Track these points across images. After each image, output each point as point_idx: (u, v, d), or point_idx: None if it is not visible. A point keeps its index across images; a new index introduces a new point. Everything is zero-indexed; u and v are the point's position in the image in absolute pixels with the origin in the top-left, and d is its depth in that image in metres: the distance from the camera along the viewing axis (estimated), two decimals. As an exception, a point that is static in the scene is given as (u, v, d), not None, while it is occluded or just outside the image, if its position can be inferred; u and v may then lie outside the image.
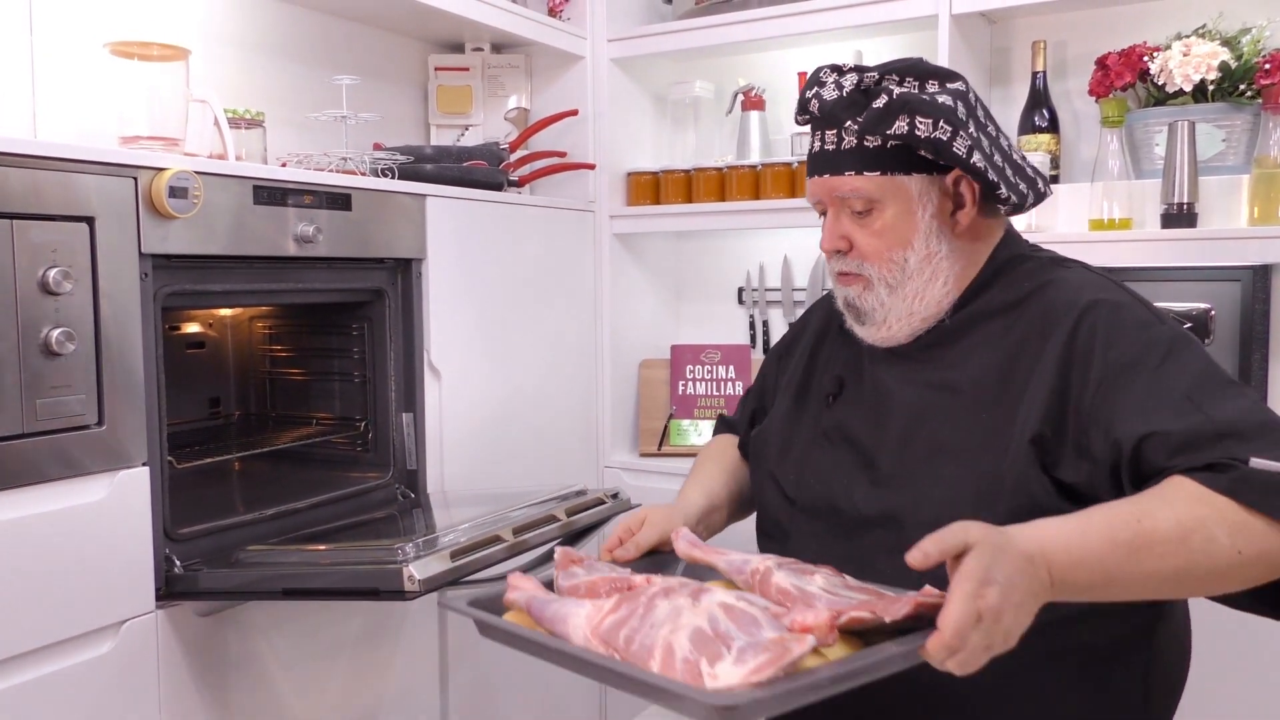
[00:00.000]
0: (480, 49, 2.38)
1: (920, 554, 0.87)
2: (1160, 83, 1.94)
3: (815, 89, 1.18)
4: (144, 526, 1.33)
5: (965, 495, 1.07)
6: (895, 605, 0.89)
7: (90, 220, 1.26)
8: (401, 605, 1.74)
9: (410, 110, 2.36)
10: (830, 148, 1.17)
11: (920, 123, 1.09)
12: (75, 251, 1.24)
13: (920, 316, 1.16)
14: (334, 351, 1.88)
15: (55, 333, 1.21)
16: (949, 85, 1.14)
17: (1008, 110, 2.25)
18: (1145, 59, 1.97)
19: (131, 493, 1.31)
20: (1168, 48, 1.95)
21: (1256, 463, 0.92)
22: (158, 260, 1.35)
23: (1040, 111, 2.14)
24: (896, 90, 1.12)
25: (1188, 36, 1.95)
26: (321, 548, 1.44)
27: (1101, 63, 2.03)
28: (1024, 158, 1.23)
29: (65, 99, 1.64)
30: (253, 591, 1.36)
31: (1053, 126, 2.15)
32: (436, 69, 2.36)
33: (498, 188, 2.05)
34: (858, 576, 1.04)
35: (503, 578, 1.13)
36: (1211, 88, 1.91)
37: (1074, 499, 1.04)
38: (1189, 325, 2.05)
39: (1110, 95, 2.02)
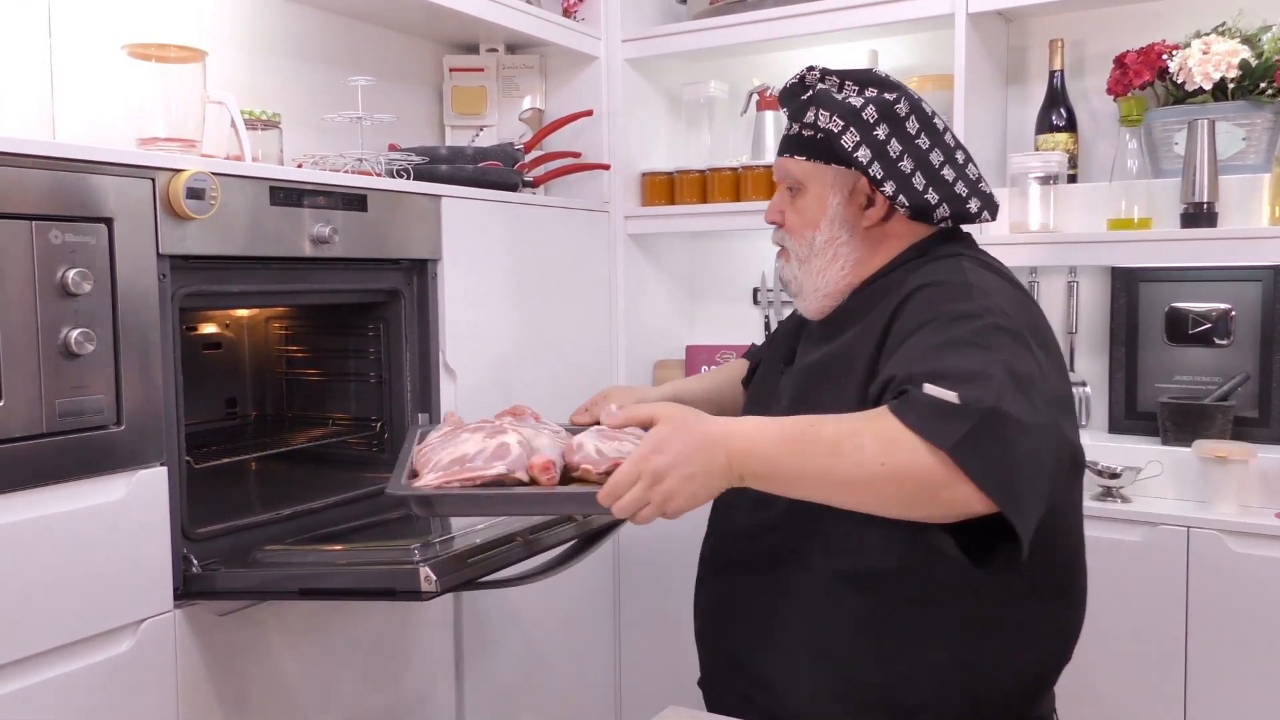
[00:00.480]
0: (495, 50, 2.38)
1: (608, 415, 1.12)
2: (1179, 81, 1.93)
3: (787, 82, 1.33)
4: (162, 526, 1.33)
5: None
6: (603, 464, 1.08)
7: (109, 221, 1.27)
8: (418, 605, 1.74)
9: (425, 111, 2.37)
10: (788, 133, 1.31)
11: (822, 114, 1.22)
12: (94, 252, 1.25)
13: (824, 293, 1.28)
14: (350, 352, 1.89)
15: (74, 333, 1.21)
16: (870, 92, 1.25)
17: (1024, 110, 2.24)
18: (1164, 57, 1.96)
19: (150, 493, 1.32)
20: (1187, 46, 1.93)
21: (928, 388, 0.96)
22: (175, 261, 1.36)
23: (1058, 110, 2.13)
24: (819, 87, 1.26)
25: (1207, 34, 1.94)
26: (338, 548, 1.44)
27: (1120, 61, 2.02)
28: (962, 176, 1.28)
29: (83, 101, 1.65)
30: (269, 591, 1.37)
31: (1070, 126, 2.13)
32: (451, 70, 2.37)
33: (512, 188, 2.05)
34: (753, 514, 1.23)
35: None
36: (1231, 86, 1.90)
37: None
38: (1208, 326, 2.04)
39: (1129, 94, 2.01)
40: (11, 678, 1.18)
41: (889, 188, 1.22)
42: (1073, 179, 2.13)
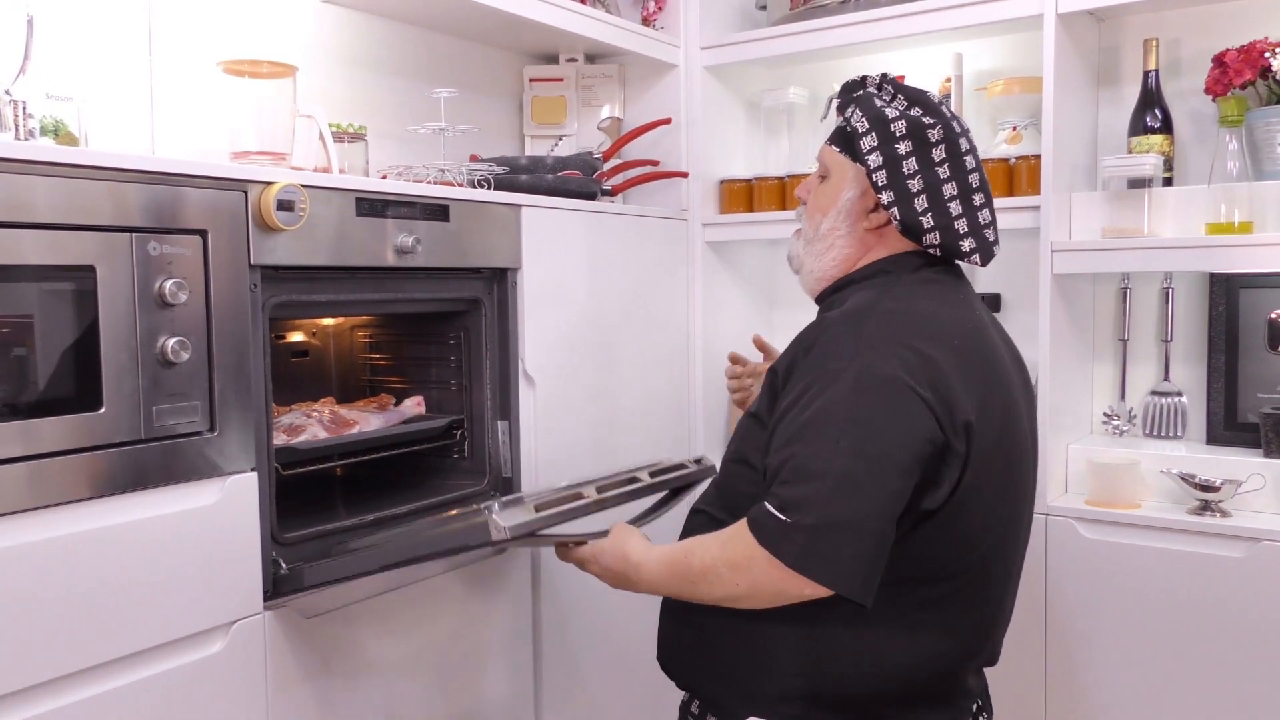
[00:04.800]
0: (574, 59, 2.40)
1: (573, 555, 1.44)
2: (1283, 79, 1.85)
3: (851, 79, 1.42)
4: (253, 530, 1.37)
5: (730, 456, 1.36)
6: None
7: (203, 233, 1.31)
8: (498, 602, 1.75)
9: (506, 121, 2.39)
10: (837, 124, 1.41)
11: (856, 114, 1.31)
12: (189, 263, 1.29)
13: (816, 276, 1.36)
14: (432, 360, 1.91)
15: (171, 342, 1.25)
16: (914, 111, 1.30)
17: (1117, 112, 2.17)
18: (1267, 55, 1.88)
19: (241, 497, 1.35)
20: (1291, 42, 1.85)
21: (769, 508, 1.13)
22: (266, 271, 1.39)
23: (1152, 112, 2.06)
24: (868, 89, 1.34)
25: (1313, 30, 1.85)
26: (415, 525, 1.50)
27: (1219, 60, 1.94)
28: (967, 215, 1.30)
29: (181, 116, 1.71)
30: (352, 575, 1.39)
31: (1166, 127, 2.06)
32: (531, 80, 2.39)
33: (591, 197, 2.06)
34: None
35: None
36: (1340, 83, 1.81)
37: None
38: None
39: (1229, 94, 1.93)
40: (109, 677, 1.22)
41: (886, 197, 1.29)
42: (1168, 182, 2.05)
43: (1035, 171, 2.04)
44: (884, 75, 1.37)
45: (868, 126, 1.29)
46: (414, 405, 1.86)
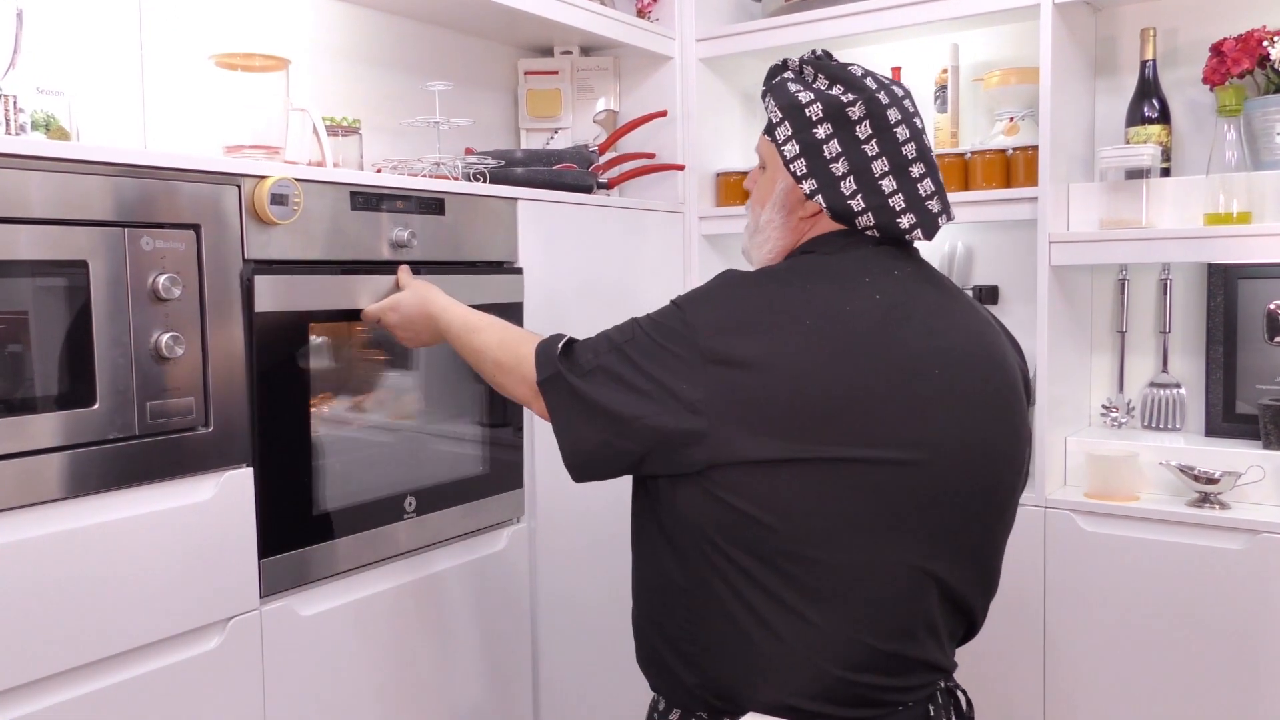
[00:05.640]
0: (569, 52, 2.39)
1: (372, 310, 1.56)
2: (1281, 68, 1.85)
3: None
4: (249, 526, 1.36)
5: None
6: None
7: (196, 228, 1.30)
8: (501, 605, 1.75)
9: (501, 115, 2.38)
10: None
11: (770, 103, 1.28)
12: (182, 258, 1.28)
13: (759, 266, 1.33)
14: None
15: (165, 337, 1.24)
16: (835, 89, 1.25)
17: (1114, 102, 2.16)
18: (1265, 44, 1.87)
19: (237, 493, 1.34)
20: (1289, 31, 1.85)
21: (556, 341, 1.27)
22: (260, 265, 1.38)
23: (1150, 102, 2.05)
24: (784, 76, 1.31)
25: (1312, 19, 1.85)
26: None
27: (1217, 49, 1.94)
28: (904, 190, 1.23)
29: (172, 110, 1.70)
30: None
31: (1163, 117, 2.05)
32: (526, 73, 2.38)
33: (587, 190, 2.05)
34: None
35: None
36: (1338, 72, 1.81)
37: None
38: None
39: (1226, 83, 1.93)
40: (105, 673, 1.21)
41: (808, 186, 1.24)
42: (1166, 173, 2.05)
43: (1032, 163, 2.03)
44: (809, 54, 1.30)
45: (781, 116, 1.26)
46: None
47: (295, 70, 1.62)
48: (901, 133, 1.24)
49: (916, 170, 1.25)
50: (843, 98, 1.24)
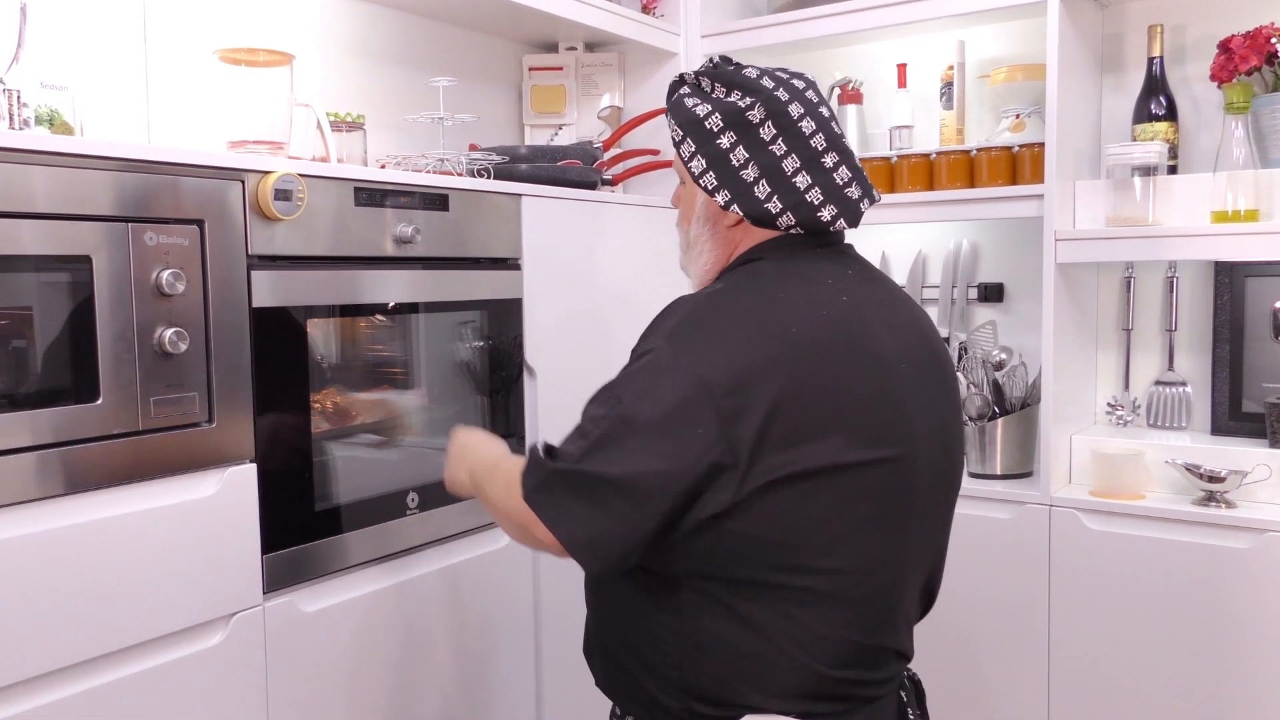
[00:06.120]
0: (574, 48, 2.38)
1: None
2: (1290, 65, 1.84)
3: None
4: (252, 522, 1.36)
5: None
6: None
7: (200, 223, 1.30)
8: (504, 603, 1.75)
9: (505, 111, 2.38)
10: None
11: (671, 122, 1.27)
12: (186, 254, 1.28)
13: (698, 283, 1.33)
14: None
15: (168, 333, 1.24)
16: (734, 96, 1.23)
17: (1121, 99, 2.16)
18: (1273, 41, 1.86)
19: (240, 489, 1.34)
20: (1298, 28, 1.84)
21: (540, 447, 1.18)
22: (263, 261, 1.38)
23: (1157, 99, 2.05)
24: (681, 91, 1.28)
25: (1320, 16, 1.84)
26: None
27: (1224, 46, 1.93)
28: (820, 183, 1.22)
29: (177, 105, 1.69)
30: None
31: (1170, 114, 2.05)
32: (531, 69, 2.37)
33: (592, 186, 2.05)
34: None
35: None
36: (1347, 69, 1.80)
37: None
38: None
39: (1234, 80, 1.92)
40: (108, 669, 1.21)
41: (722, 197, 1.23)
42: (1173, 170, 2.04)
43: (1039, 160, 2.03)
44: (706, 63, 1.28)
45: (682, 134, 1.25)
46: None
47: (299, 65, 1.62)
48: (807, 126, 1.23)
49: (830, 160, 1.23)
50: (740, 103, 1.22)
